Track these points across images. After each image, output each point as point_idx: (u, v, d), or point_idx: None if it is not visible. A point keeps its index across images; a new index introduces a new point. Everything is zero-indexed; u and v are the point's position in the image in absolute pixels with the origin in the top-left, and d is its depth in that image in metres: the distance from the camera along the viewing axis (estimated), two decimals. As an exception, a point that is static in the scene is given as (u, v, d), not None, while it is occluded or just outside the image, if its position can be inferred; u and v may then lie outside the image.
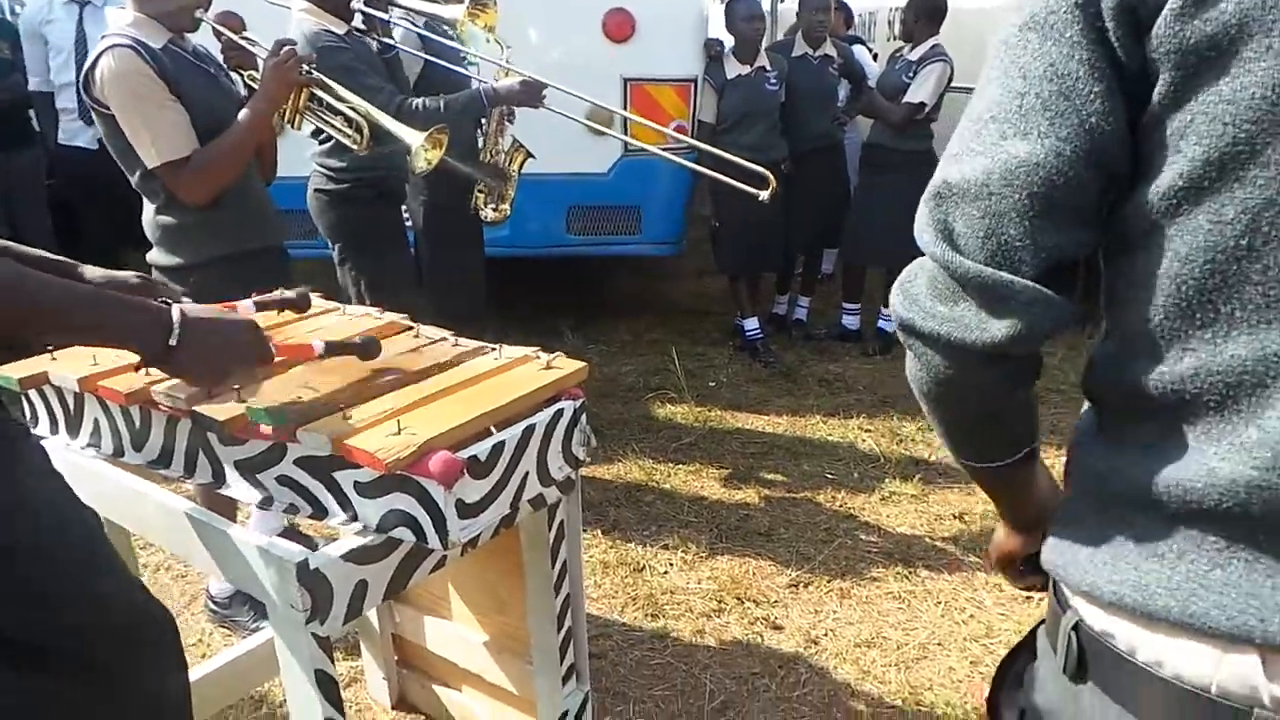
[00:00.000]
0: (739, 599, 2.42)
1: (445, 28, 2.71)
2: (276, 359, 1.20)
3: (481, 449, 1.17)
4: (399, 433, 1.11)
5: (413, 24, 2.80)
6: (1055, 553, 0.73)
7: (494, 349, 1.42)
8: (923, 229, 0.68)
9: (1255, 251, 0.57)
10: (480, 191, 3.01)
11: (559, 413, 1.30)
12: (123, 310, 1.06)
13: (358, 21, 2.59)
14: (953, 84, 4.01)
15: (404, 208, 2.97)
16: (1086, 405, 0.76)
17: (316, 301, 1.64)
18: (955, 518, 2.81)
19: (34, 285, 0.96)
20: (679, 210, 4.33)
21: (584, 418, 1.35)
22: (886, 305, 4.21)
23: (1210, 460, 0.61)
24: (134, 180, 2.04)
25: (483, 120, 2.98)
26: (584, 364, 1.37)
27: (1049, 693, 0.76)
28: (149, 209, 2.09)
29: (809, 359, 4.30)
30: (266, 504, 1.27)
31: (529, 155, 3.08)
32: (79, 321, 1.02)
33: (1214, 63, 0.56)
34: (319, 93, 2.14)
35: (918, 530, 2.76)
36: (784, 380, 4.05)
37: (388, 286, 2.59)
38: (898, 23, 4.78)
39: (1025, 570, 0.95)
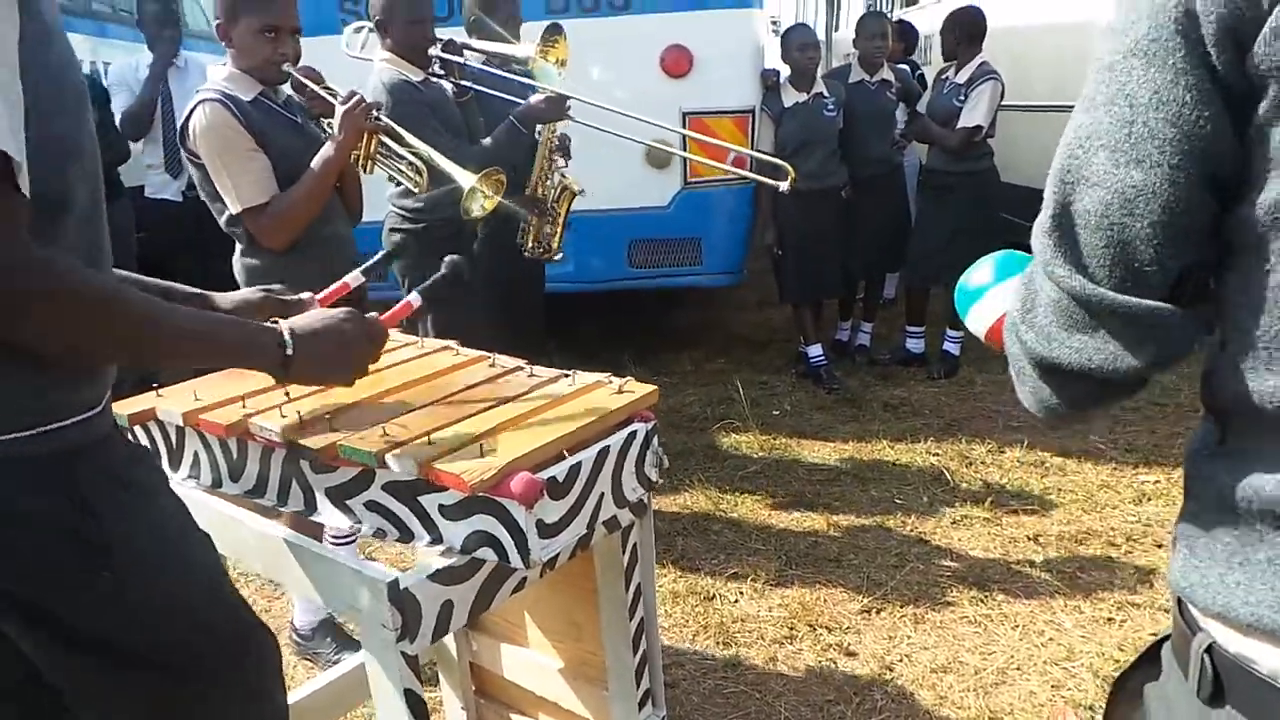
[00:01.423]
0: (811, 626, 2.41)
1: (517, 66, 2.81)
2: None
3: (560, 470, 1.21)
4: (482, 456, 1.16)
5: (487, 65, 2.91)
6: (1182, 573, 0.71)
7: (568, 375, 1.46)
8: (1050, 258, 0.68)
9: None
10: (525, 227, 3.07)
11: (632, 434, 1.34)
12: (240, 333, 1.13)
13: (435, 67, 2.71)
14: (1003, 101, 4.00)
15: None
16: (1204, 417, 0.74)
17: (395, 336, 1.71)
18: (1030, 540, 2.76)
19: (156, 312, 1.03)
20: (740, 240, 4.37)
21: (656, 439, 1.39)
22: (951, 327, 4.26)
23: None
24: (222, 224, 2.16)
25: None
26: (654, 387, 1.41)
27: (1179, 715, 0.73)
28: (237, 252, 2.21)
29: (873, 384, 4.28)
30: (356, 528, 1.33)
31: (576, 194, 3.14)
32: (202, 349, 1.09)
33: None
34: (386, 139, 2.25)
35: (991, 553, 2.71)
36: (849, 406, 4.03)
37: (459, 325, 2.67)
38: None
39: None
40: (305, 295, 1.53)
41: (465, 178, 2.18)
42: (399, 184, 2.62)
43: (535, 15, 3.41)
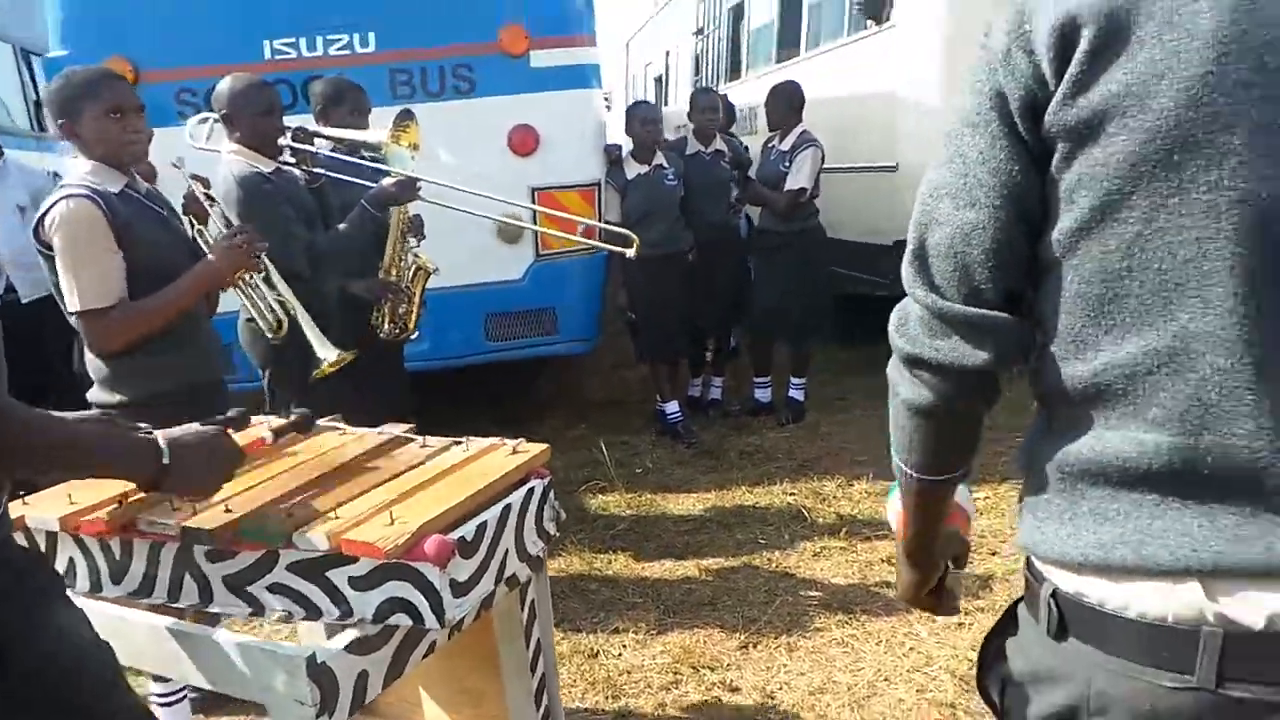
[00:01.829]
0: (694, 668, 2.52)
1: (369, 152, 2.89)
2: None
3: (468, 530, 1.28)
4: (392, 523, 1.22)
5: (336, 152, 2.96)
6: (1028, 535, 0.88)
7: (462, 442, 1.54)
8: (911, 284, 0.85)
9: (1132, 271, 0.76)
10: (380, 311, 3.10)
11: (530, 491, 1.43)
12: (116, 443, 1.15)
13: (286, 156, 2.74)
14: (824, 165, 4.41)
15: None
16: (1036, 411, 0.91)
17: (320, 422, 1.74)
18: (884, 562, 3.00)
19: (40, 424, 1.05)
20: (593, 307, 4.54)
21: (552, 494, 1.48)
22: (794, 375, 4.56)
23: (1137, 433, 0.77)
24: (71, 320, 2.10)
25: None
26: (546, 445, 1.51)
27: (1033, 656, 0.88)
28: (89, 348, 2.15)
29: (728, 435, 4.50)
30: (258, 615, 1.34)
31: (430, 273, 3.21)
32: (82, 459, 1.11)
33: (1088, 137, 0.75)
34: (259, 280, 2.30)
35: (851, 579, 2.93)
36: (707, 458, 4.22)
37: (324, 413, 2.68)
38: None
39: (935, 593, 1.08)
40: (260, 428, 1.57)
41: (325, 350, 2.26)
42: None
43: (383, 102, 3.49)
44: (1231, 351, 0.73)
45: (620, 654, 2.63)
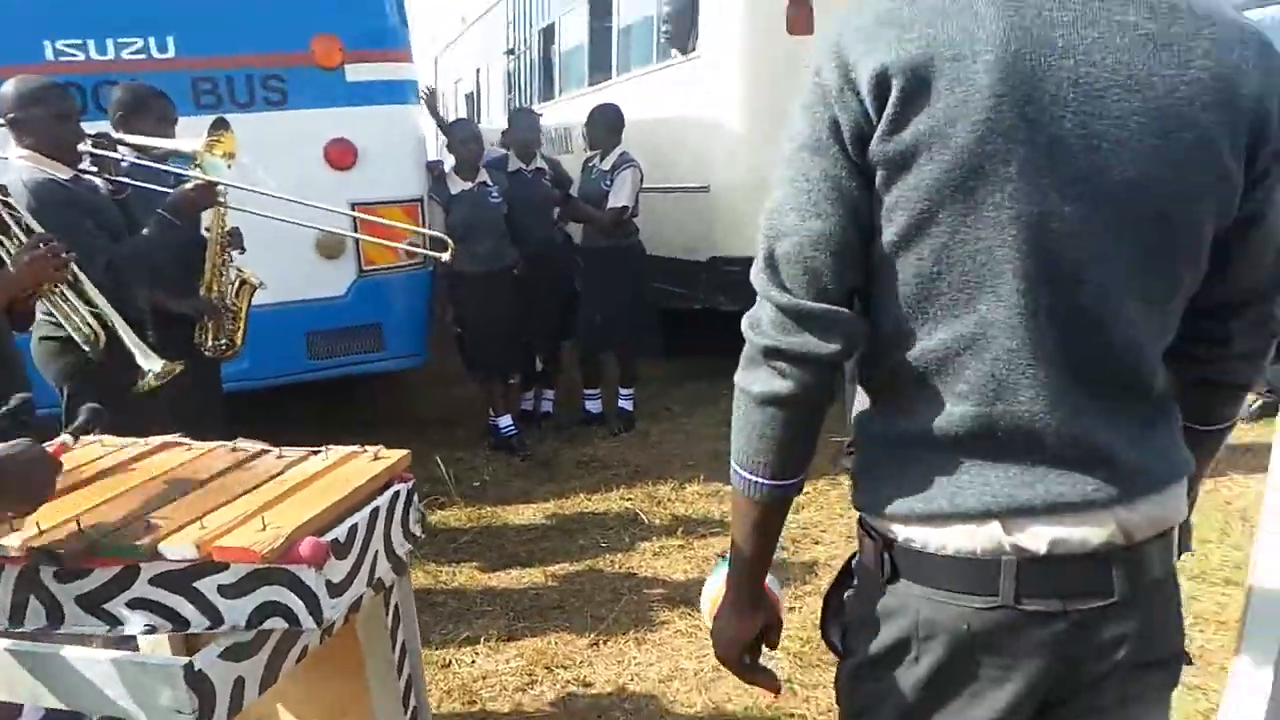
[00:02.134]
0: (547, 668, 2.58)
1: (182, 161, 2.76)
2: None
3: (340, 532, 1.30)
4: (265, 528, 1.22)
5: (141, 160, 2.80)
6: (862, 498, 1.02)
7: (321, 451, 1.54)
8: (765, 288, 0.95)
9: (941, 274, 0.90)
10: (204, 328, 2.98)
11: (396, 494, 1.46)
12: None
13: (86, 163, 2.58)
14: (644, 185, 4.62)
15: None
16: (864, 395, 1.04)
17: (116, 439, 1.65)
18: (719, 556, 3.17)
19: None
20: (420, 322, 4.50)
21: (415, 496, 1.51)
22: (623, 386, 4.72)
23: (948, 405, 0.92)
24: None
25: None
26: (406, 451, 1.54)
27: (870, 600, 1.01)
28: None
29: (562, 447, 4.59)
30: (116, 632, 1.29)
31: (256, 287, 3.11)
32: None
33: (903, 166, 0.88)
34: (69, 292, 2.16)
35: (690, 574, 3.09)
36: (543, 469, 4.29)
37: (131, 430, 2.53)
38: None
39: (752, 663, 1.11)
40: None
41: (150, 361, 2.15)
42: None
43: (186, 111, 3.33)
44: (1015, 335, 0.89)
45: (474, 661, 2.65)
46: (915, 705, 0.98)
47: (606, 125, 4.63)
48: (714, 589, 1.19)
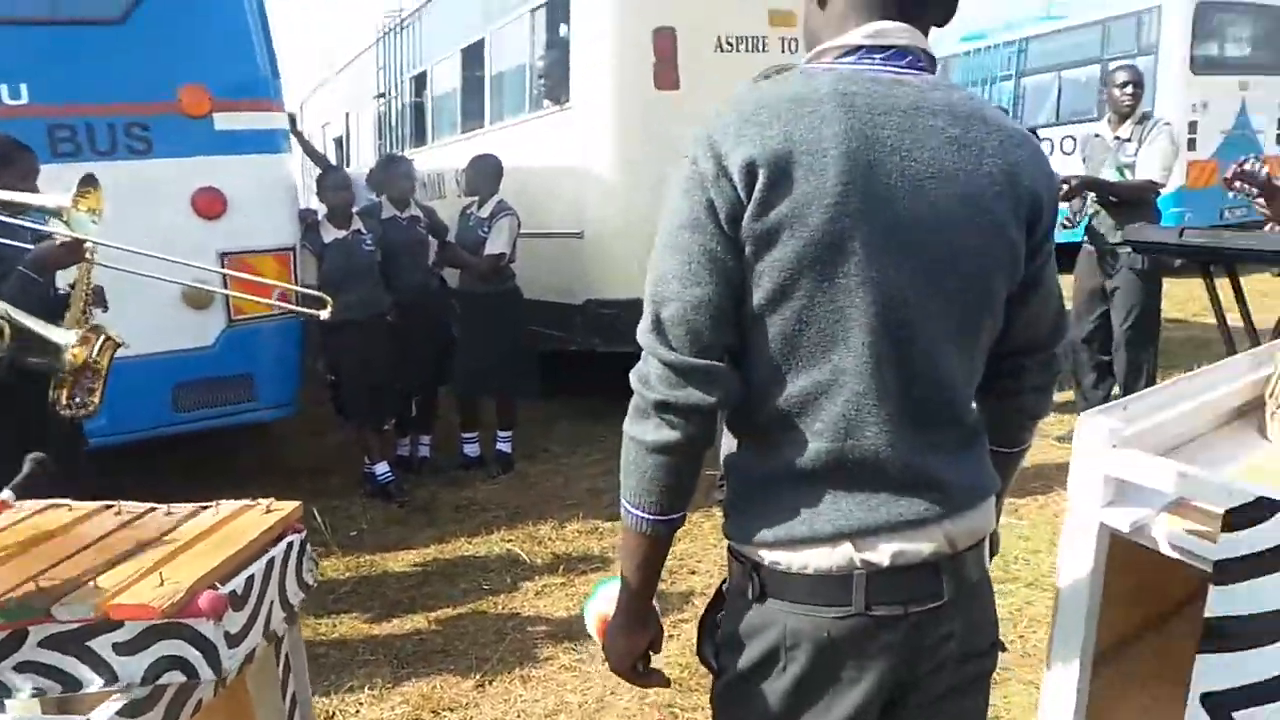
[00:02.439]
0: (434, 712, 2.61)
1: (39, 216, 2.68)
2: None
3: (238, 583, 1.34)
4: (163, 584, 1.25)
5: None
6: (733, 528, 1.15)
7: (211, 506, 1.57)
8: (653, 347, 1.07)
9: (802, 332, 1.05)
10: (61, 386, 2.88)
11: (290, 544, 1.50)
12: None
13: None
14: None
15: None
16: (732, 440, 1.18)
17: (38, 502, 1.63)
18: (600, 581, 3.28)
19: None
20: (291, 371, 4.44)
21: (308, 546, 1.56)
22: (501, 429, 4.79)
23: (809, 443, 1.07)
24: None
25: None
26: (299, 503, 1.59)
27: (741, 619, 1.14)
28: None
29: (441, 491, 4.60)
30: (3, 697, 1.28)
31: (119, 346, 3.03)
32: None
33: (770, 241, 1.03)
34: None
35: (574, 611, 3.17)
36: (422, 515, 4.29)
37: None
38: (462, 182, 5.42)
39: (644, 669, 1.24)
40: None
41: (62, 335, 2.06)
42: None
43: (42, 159, 3.23)
44: (863, 380, 1.06)
45: (358, 711, 2.65)
46: (784, 710, 1.12)
47: (485, 174, 4.74)
48: (597, 611, 1.31)
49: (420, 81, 8.08)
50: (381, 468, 4.52)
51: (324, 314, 2.92)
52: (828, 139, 1.00)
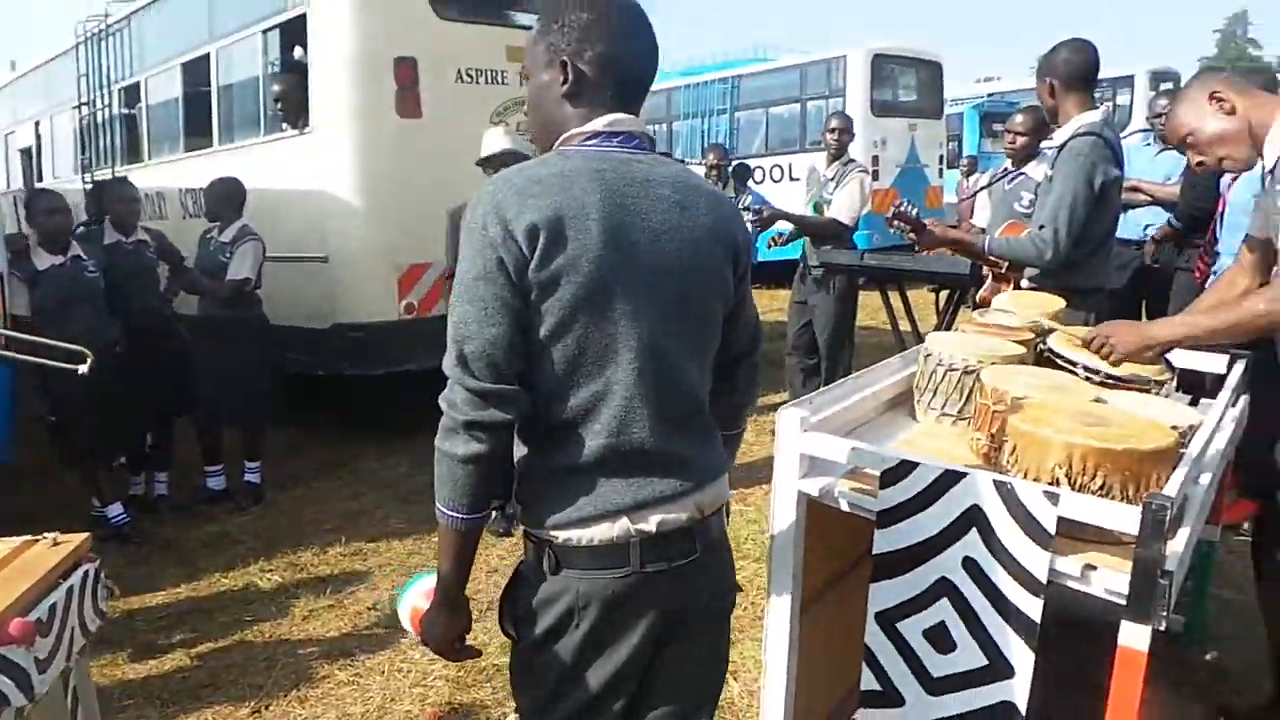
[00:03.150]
0: (208, 744, 2.60)
1: None
2: None
3: (42, 610, 1.38)
4: (-34, 617, 1.28)
5: None
6: (530, 519, 1.39)
7: (-8, 544, 1.57)
8: (461, 377, 1.29)
9: (582, 354, 1.32)
10: None
11: (86, 573, 1.55)
12: None
13: None
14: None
15: None
16: (522, 447, 1.42)
17: None
18: (370, 609, 3.38)
19: None
20: (5, 416, 4.06)
21: (103, 575, 1.61)
22: (248, 459, 4.66)
23: (589, 440, 1.34)
24: None
25: None
26: (87, 534, 1.63)
27: (538, 590, 1.39)
28: None
29: (187, 528, 4.40)
30: None
31: None
32: None
33: (551, 287, 1.28)
34: None
35: (345, 629, 3.25)
36: (168, 553, 4.10)
37: None
38: (201, 205, 5.20)
39: (460, 646, 1.47)
40: None
41: None
42: None
43: None
44: (630, 389, 1.35)
45: (124, 756, 2.57)
46: (578, 662, 1.38)
47: (227, 198, 4.62)
48: (410, 605, 1.50)
49: (133, 93, 7.52)
50: (115, 509, 4.24)
51: (83, 368, 2.77)
52: (589, 206, 1.29)
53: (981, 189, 5.46)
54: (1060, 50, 2.93)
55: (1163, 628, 1.43)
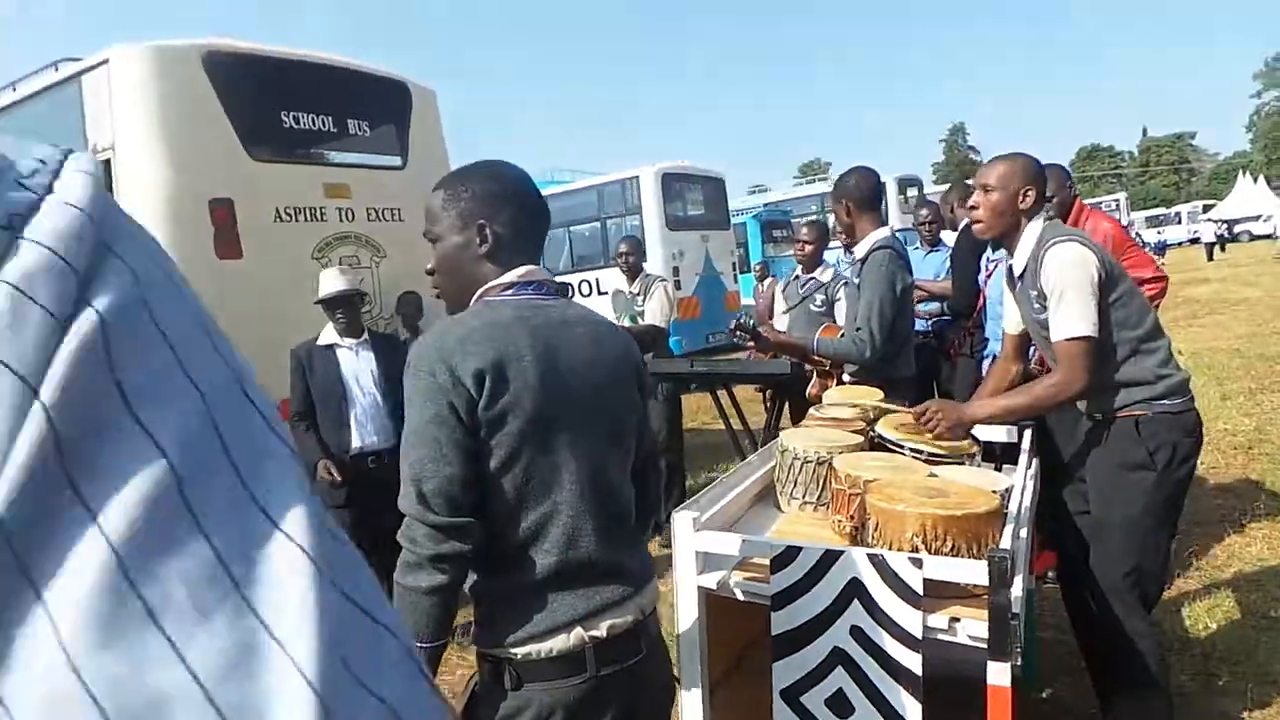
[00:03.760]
0: None
1: None
2: None
3: None
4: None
5: None
6: (488, 638, 1.46)
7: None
8: (421, 513, 1.37)
9: (529, 481, 1.43)
10: None
11: None
12: None
13: None
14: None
15: None
16: (473, 575, 1.49)
17: None
18: None
19: None
20: None
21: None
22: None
23: (539, 559, 1.44)
24: None
25: None
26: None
27: (498, 709, 1.45)
28: None
29: None
30: None
31: None
32: None
33: (498, 425, 1.40)
34: None
35: None
36: None
37: None
38: None
39: None
40: None
41: None
42: None
43: None
44: (574, 507, 1.49)
45: None
46: None
47: None
48: None
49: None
50: None
51: None
52: (523, 349, 1.46)
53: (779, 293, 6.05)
54: (850, 176, 3.43)
55: (1019, 663, 1.70)
